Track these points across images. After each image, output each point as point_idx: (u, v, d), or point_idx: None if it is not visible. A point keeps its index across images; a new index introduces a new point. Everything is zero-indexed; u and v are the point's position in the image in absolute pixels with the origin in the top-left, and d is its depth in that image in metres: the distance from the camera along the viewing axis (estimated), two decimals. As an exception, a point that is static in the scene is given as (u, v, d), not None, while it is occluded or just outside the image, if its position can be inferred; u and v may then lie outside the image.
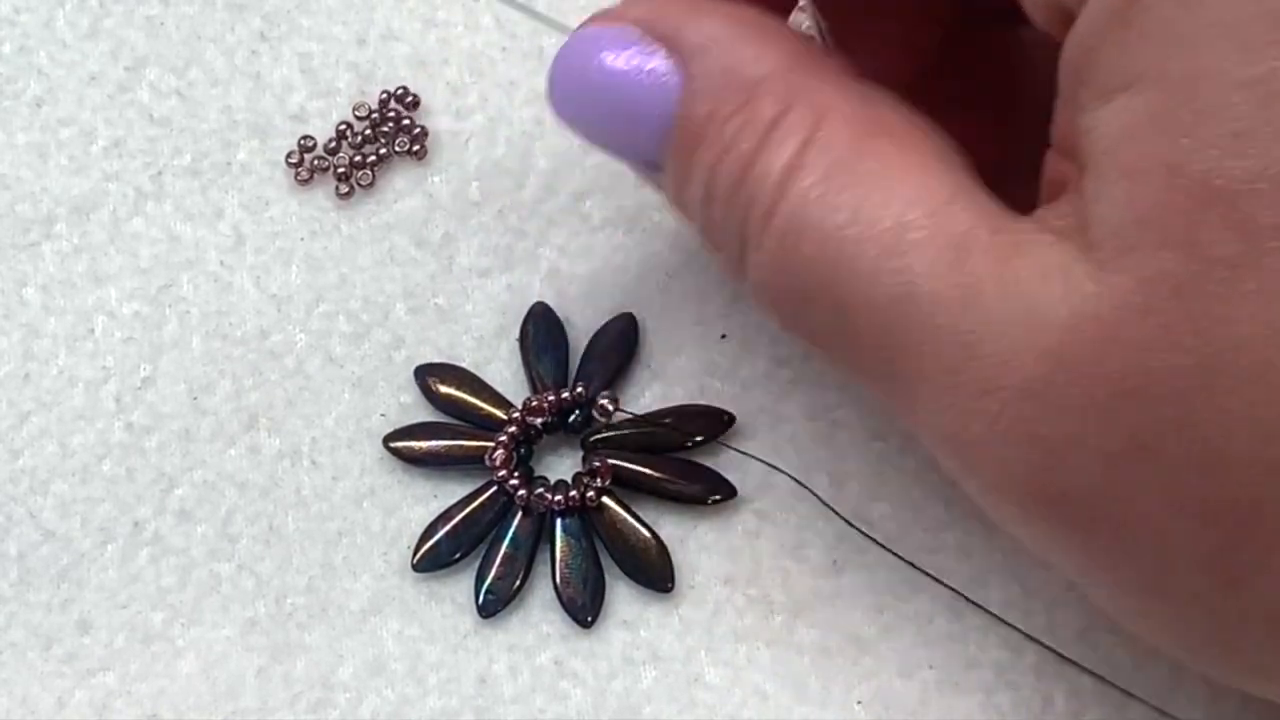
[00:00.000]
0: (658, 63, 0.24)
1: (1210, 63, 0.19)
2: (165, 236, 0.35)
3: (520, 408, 0.33)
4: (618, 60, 0.25)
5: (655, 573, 0.32)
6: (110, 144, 0.36)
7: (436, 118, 0.36)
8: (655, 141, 0.25)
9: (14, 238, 0.36)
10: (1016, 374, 0.21)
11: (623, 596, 0.32)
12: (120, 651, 0.32)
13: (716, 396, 0.34)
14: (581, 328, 0.35)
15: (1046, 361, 0.21)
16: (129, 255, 0.35)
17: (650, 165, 0.26)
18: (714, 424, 0.33)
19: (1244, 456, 0.20)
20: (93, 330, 0.35)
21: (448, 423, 0.34)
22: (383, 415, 0.34)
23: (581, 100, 0.26)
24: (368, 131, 0.36)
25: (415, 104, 0.36)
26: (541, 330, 0.34)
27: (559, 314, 0.34)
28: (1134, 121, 0.20)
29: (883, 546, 0.31)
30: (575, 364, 0.34)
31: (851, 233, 0.22)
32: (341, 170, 0.36)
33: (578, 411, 0.33)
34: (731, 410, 0.33)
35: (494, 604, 0.32)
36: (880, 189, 0.22)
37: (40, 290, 0.35)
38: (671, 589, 0.32)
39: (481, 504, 0.33)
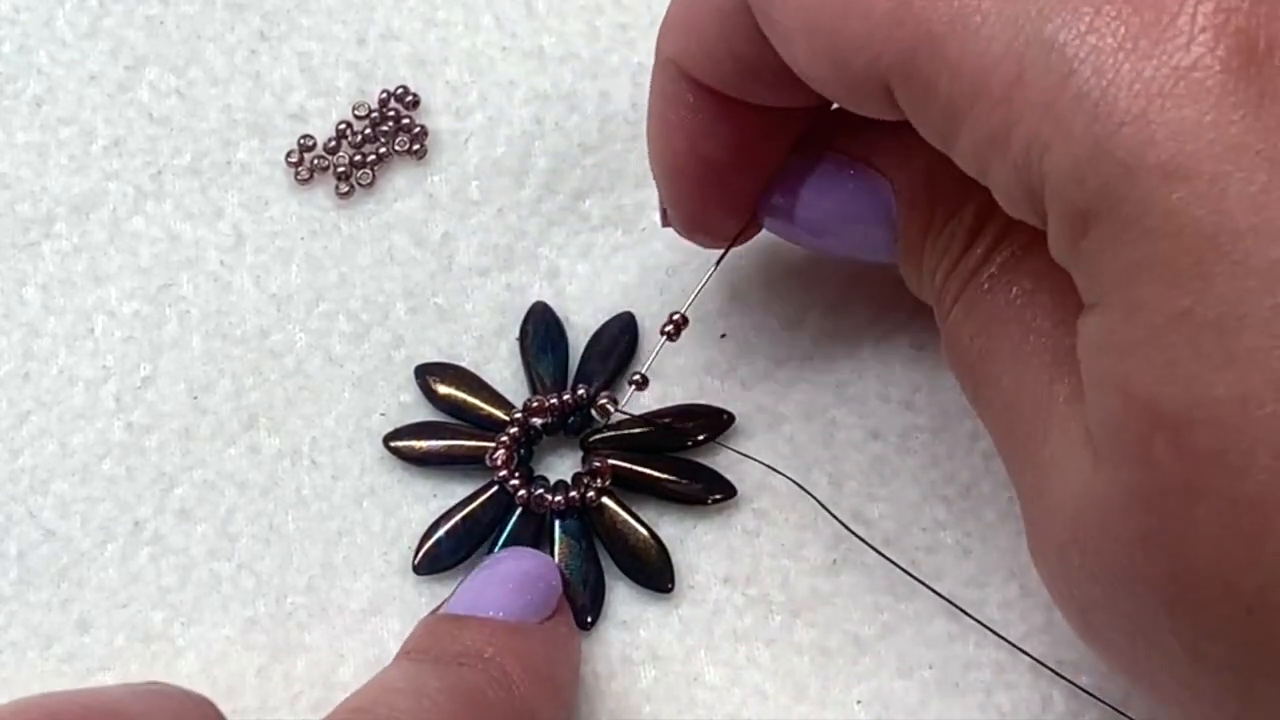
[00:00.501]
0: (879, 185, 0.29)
1: (1144, 295, 0.20)
2: (165, 236, 0.35)
3: (521, 408, 0.33)
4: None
5: (655, 573, 0.32)
6: (110, 143, 0.36)
7: (436, 117, 0.36)
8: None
9: (14, 237, 0.36)
10: (1057, 531, 0.23)
11: (622, 597, 0.32)
12: (120, 651, 0.32)
13: (716, 396, 0.34)
14: (581, 327, 0.35)
15: (1068, 530, 0.23)
16: (129, 255, 0.35)
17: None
18: (713, 423, 0.33)
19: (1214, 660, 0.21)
20: (93, 330, 0.35)
21: (448, 423, 0.34)
22: (383, 415, 0.34)
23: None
24: (368, 131, 0.36)
25: (415, 103, 0.36)
26: (541, 330, 0.34)
27: (559, 314, 0.34)
28: (1097, 339, 0.21)
29: (878, 552, 0.31)
30: (575, 364, 0.34)
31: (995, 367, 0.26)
32: (341, 170, 0.36)
33: (577, 412, 0.33)
34: (731, 410, 0.33)
35: None
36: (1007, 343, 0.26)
37: (40, 290, 0.35)
38: (671, 589, 0.32)
39: (481, 504, 0.33)
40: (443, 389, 0.34)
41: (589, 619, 0.32)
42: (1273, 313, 0.19)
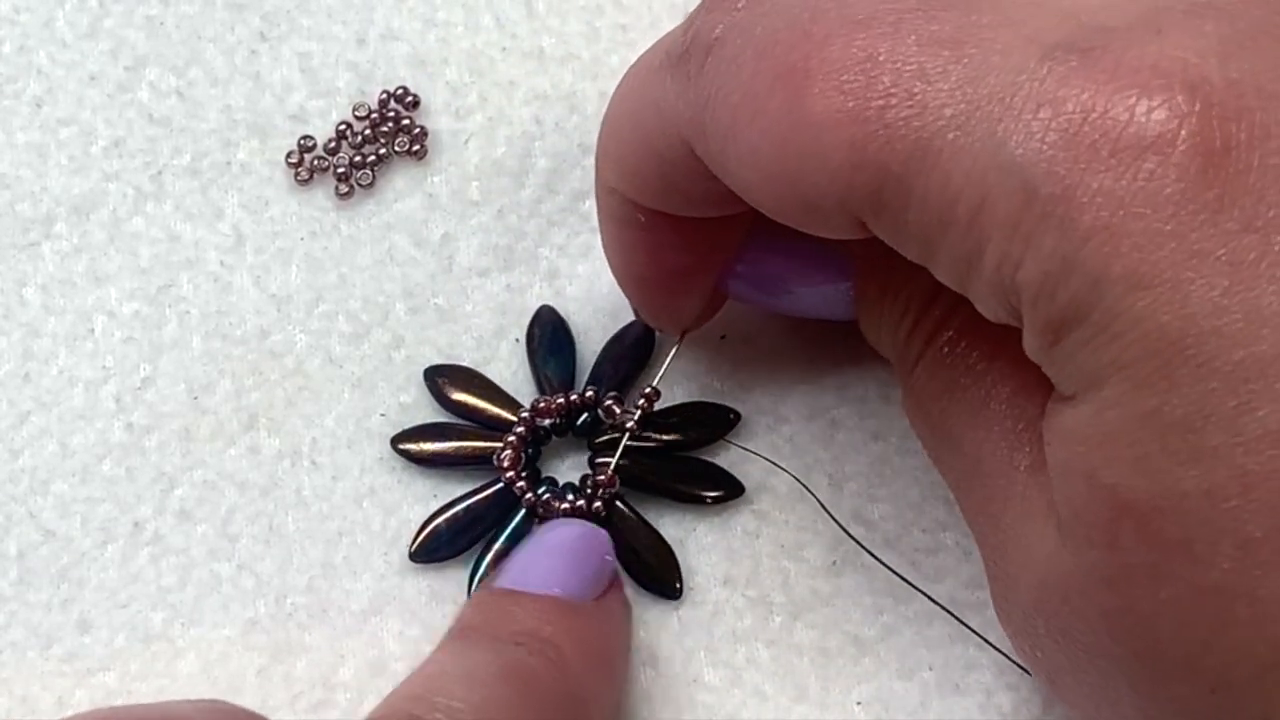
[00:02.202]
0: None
1: (1114, 395, 0.21)
2: (165, 236, 0.35)
3: (529, 409, 0.33)
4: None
5: (663, 579, 0.32)
6: (110, 144, 0.36)
7: (436, 118, 0.36)
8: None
9: (14, 238, 0.36)
10: (1021, 595, 0.24)
11: (622, 597, 0.32)
12: (120, 651, 0.32)
13: (717, 396, 0.34)
14: (581, 327, 0.34)
15: (1033, 597, 0.24)
16: (129, 255, 0.35)
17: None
18: (720, 422, 0.33)
19: None
20: (93, 330, 0.35)
21: (455, 424, 0.34)
22: (382, 415, 0.34)
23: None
24: (367, 131, 0.36)
25: (415, 104, 0.36)
26: (547, 334, 0.34)
27: (559, 314, 0.34)
28: (1067, 428, 0.22)
29: (876, 558, 0.31)
30: (580, 365, 0.34)
31: (962, 443, 0.26)
32: (341, 170, 0.36)
33: (586, 415, 0.33)
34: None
35: None
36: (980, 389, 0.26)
37: (40, 290, 0.35)
38: (679, 595, 0.32)
39: (485, 499, 0.33)
40: (451, 390, 0.34)
41: (589, 620, 0.32)
42: (1236, 412, 0.20)
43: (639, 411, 0.32)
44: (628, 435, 0.32)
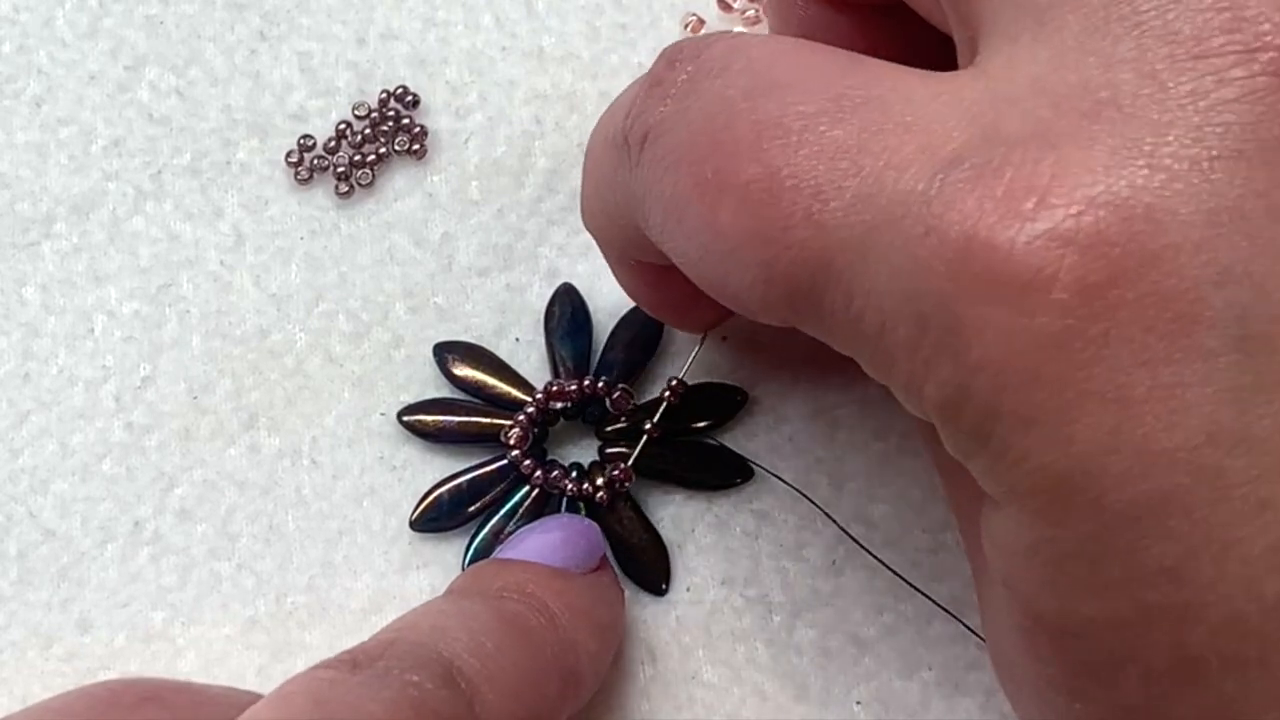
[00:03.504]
0: None
1: (1017, 519, 0.20)
2: (165, 236, 0.35)
3: (542, 390, 0.33)
4: None
5: (650, 572, 0.32)
6: (110, 143, 0.36)
7: (436, 117, 0.36)
8: None
9: (14, 237, 0.36)
10: (996, 634, 0.24)
11: (621, 596, 0.32)
12: (120, 651, 0.32)
13: (716, 396, 0.34)
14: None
15: (1006, 639, 0.23)
16: (129, 255, 0.35)
17: None
18: (727, 403, 0.33)
19: None
20: (93, 330, 0.35)
21: (464, 400, 0.34)
22: (382, 414, 0.34)
23: None
24: (367, 131, 0.36)
25: (415, 103, 0.36)
26: (568, 313, 0.34)
27: (581, 295, 0.34)
28: (990, 527, 0.22)
29: (875, 558, 0.31)
30: (597, 350, 0.34)
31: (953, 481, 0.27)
32: (341, 170, 0.36)
33: (595, 402, 0.33)
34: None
35: None
36: None
37: (40, 290, 0.35)
38: (665, 592, 0.32)
39: (488, 473, 0.33)
40: (460, 368, 0.34)
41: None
42: (1130, 549, 0.19)
43: (664, 403, 0.32)
44: (645, 437, 0.32)
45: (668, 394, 0.32)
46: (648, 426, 0.32)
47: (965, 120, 0.21)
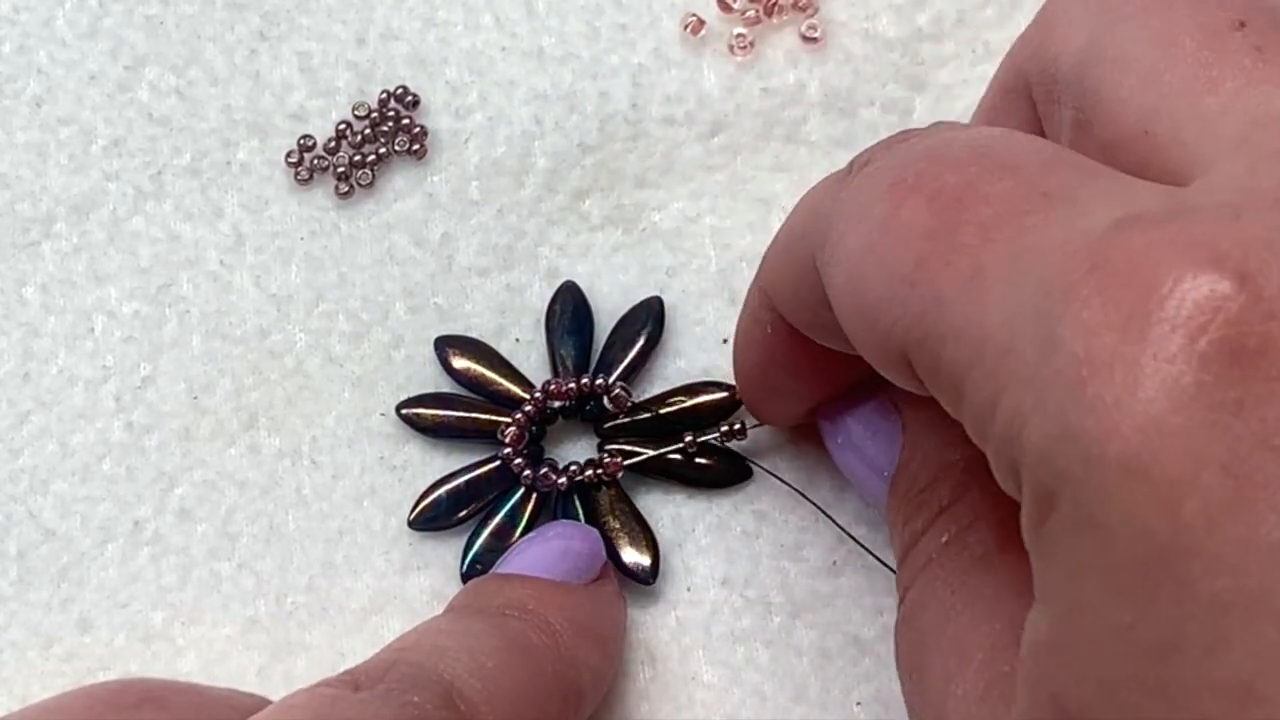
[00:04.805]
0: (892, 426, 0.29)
1: (1090, 597, 0.19)
2: (165, 236, 0.35)
3: (540, 389, 0.33)
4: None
5: (641, 566, 0.32)
6: (110, 143, 0.36)
7: (436, 117, 0.36)
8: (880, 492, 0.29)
9: (14, 237, 0.36)
10: None
11: (620, 596, 0.32)
12: (120, 651, 0.32)
13: (717, 397, 0.34)
14: (581, 327, 0.35)
15: None
16: (129, 255, 0.35)
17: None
18: (726, 401, 0.33)
19: None
20: (93, 330, 0.35)
21: (463, 396, 0.34)
22: (382, 415, 0.34)
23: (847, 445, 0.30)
24: (367, 131, 0.36)
25: (415, 103, 0.36)
26: (569, 310, 0.34)
27: (584, 293, 0.34)
28: (1039, 637, 0.20)
29: (876, 558, 0.31)
30: (599, 348, 0.34)
31: (931, 644, 0.25)
32: (341, 170, 0.36)
33: (593, 402, 0.33)
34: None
35: (479, 574, 0.32)
36: (948, 625, 0.25)
37: (40, 290, 0.35)
38: (652, 582, 0.32)
39: (486, 473, 0.33)
40: (460, 362, 0.34)
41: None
42: (1209, 649, 0.18)
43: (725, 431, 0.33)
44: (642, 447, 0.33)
45: (726, 430, 0.32)
46: (654, 454, 0.33)
47: (1162, 192, 0.21)
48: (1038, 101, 0.26)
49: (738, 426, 0.32)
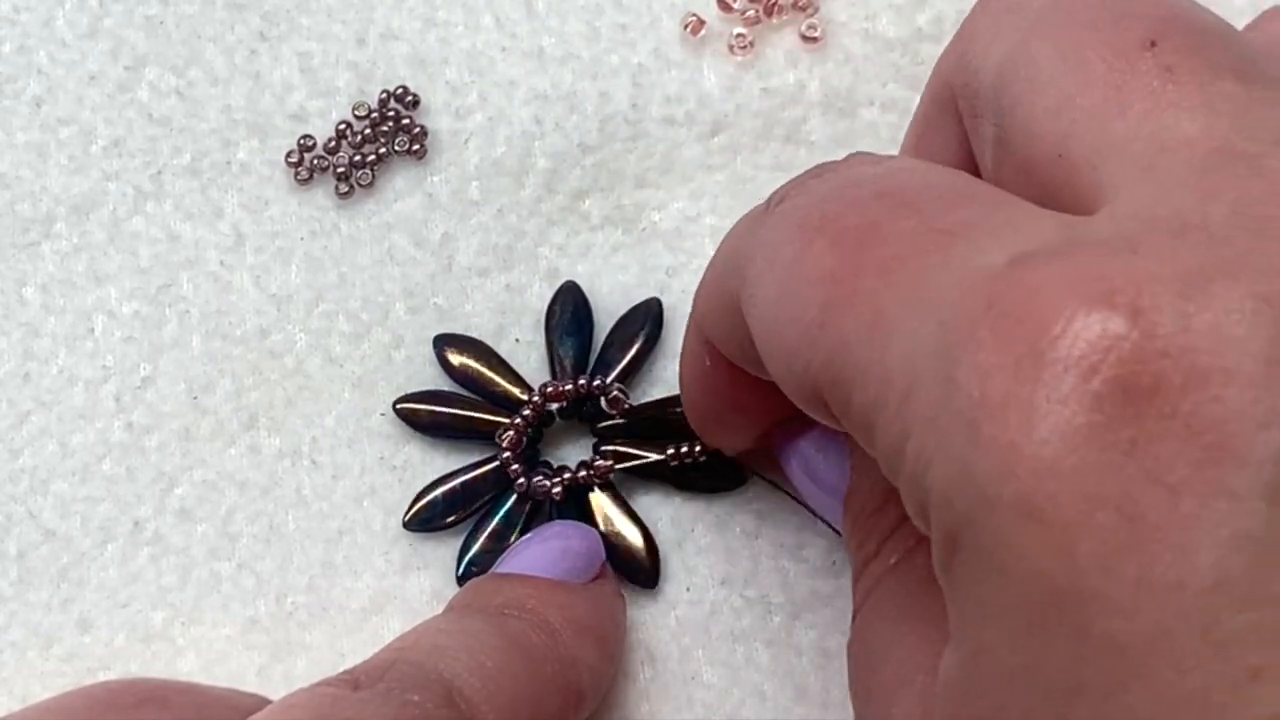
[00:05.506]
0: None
1: (991, 640, 0.19)
2: (165, 236, 0.35)
3: (538, 392, 0.33)
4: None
5: (641, 570, 0.32)
6: (110, 143, 0.36)
7: (436, 117, 0.36)
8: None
9: (14, 237, 0.36)
10: None
11: (620, 596, 0.32)
12: (120, 651, 0.32)
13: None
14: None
15: None
16: (129, 255, 0.35)
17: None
18: None
19: None
20: (93, 330, 0.35)
21: (461, 394, 0.34)
22: (382, 415, 0.34)
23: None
24: (367, 131, 0.36)
25: (415, 103, 0.36)
26: (569, 311, 0.34)
27: (585, 294, 0.34)
28: (949, 677, 0.20)
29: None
30: (598, 349, 0.34)
31: (877, 664, 0.25)
32: (341, 170, 0.36)
33: (589, 403, 0.33)
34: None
35: (475, 576, 0.32)
36: (893, 647, 0.25)
37: (40, 290, 0.35)
38: (654, 586, 0.32)
39: (482, 475, 0.33)
40: (459, 361, 0.34)
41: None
42: (1106, 693, 0.18)
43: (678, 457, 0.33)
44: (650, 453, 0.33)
45: (684, 452, 0.32)
46: (642, 462, 0.33)
47: (1060, 225, 0.20)
48: (963, 115, 0.26)
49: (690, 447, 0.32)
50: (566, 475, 0.32)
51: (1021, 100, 0.23)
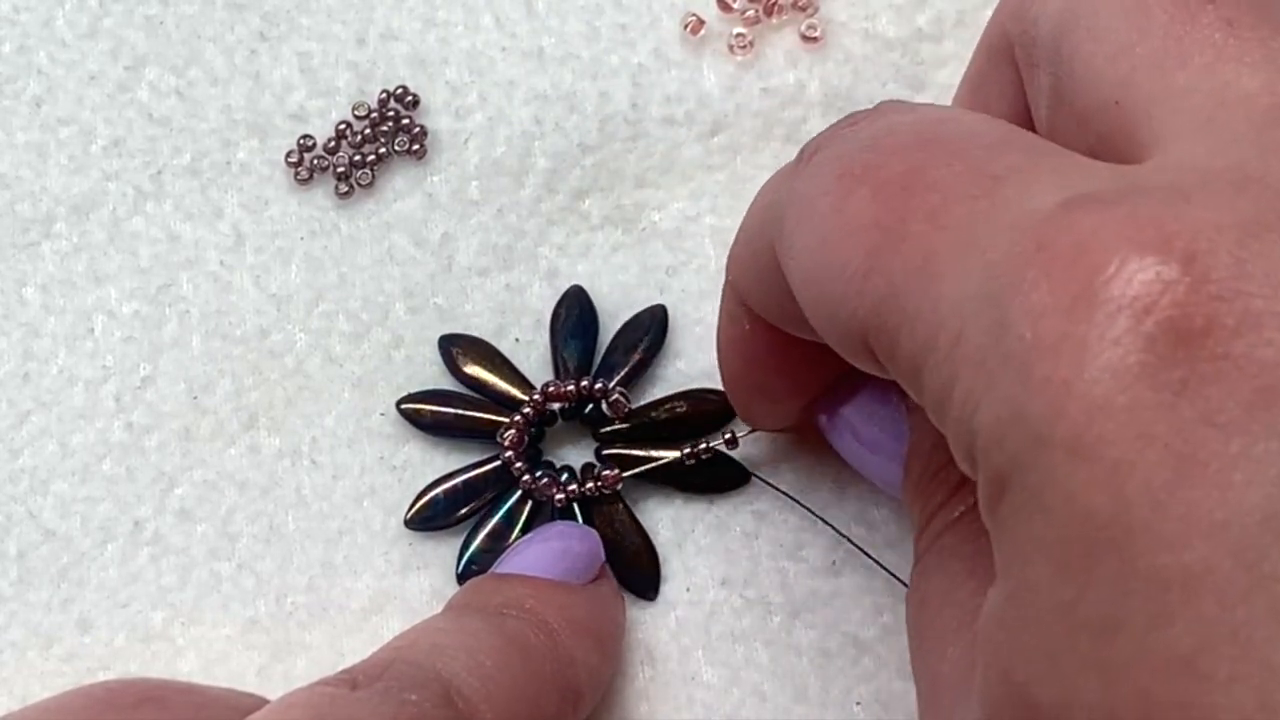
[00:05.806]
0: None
1: (1037, 577, 0.19)
2: (165, 236, 0.35)
3: (540, 391, 0.33)
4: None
5: (642, 579, 0.32)
6: (110, 143, 0.36)
7: (436, 117, 0.36)
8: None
9: (14, 237, 0.36)
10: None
11: (620, 597, 0.32)
12: (120, 651, 0.32)
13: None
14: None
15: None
16: (129, 255, 0.35)
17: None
18: (723, 407, 0.33)
19: None
20: (93, 330, 0.35)
21: (464, 394, 0.34)
22: (382, 415, 0.34)
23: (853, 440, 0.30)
24: (367, 131, 0.36)
25: (415, 103, 0.36)
26: (574, 314, 0.34)
27: (590, 298, 0.34)
28: (992, 615, 0.20)
29: (874, 560, 0.31)
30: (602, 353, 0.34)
31: (934, 609, 0.25)
32: (341, 170, 0.36)
33: (592, 405, 0.33)
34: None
35: (474, 575, 0.32)
36: (950, 596, 0.25)
37: (40, 290, 0.35)
38: (654, 598, 0.32)
39: (484, 474, 0.33)
40: (463, 361, 0.34)
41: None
42: (1149, 625, 0.18)
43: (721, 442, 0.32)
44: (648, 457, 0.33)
45: (686, 454, 0.32)
46: (647, 467, 0.32)
47: (1113, 173, 0.21)
48: (1020, 64, 0.26)
49: (728, 437, 0.32)
50: (573, 487, 0.32)
51: (1080, 49, 0.23)
